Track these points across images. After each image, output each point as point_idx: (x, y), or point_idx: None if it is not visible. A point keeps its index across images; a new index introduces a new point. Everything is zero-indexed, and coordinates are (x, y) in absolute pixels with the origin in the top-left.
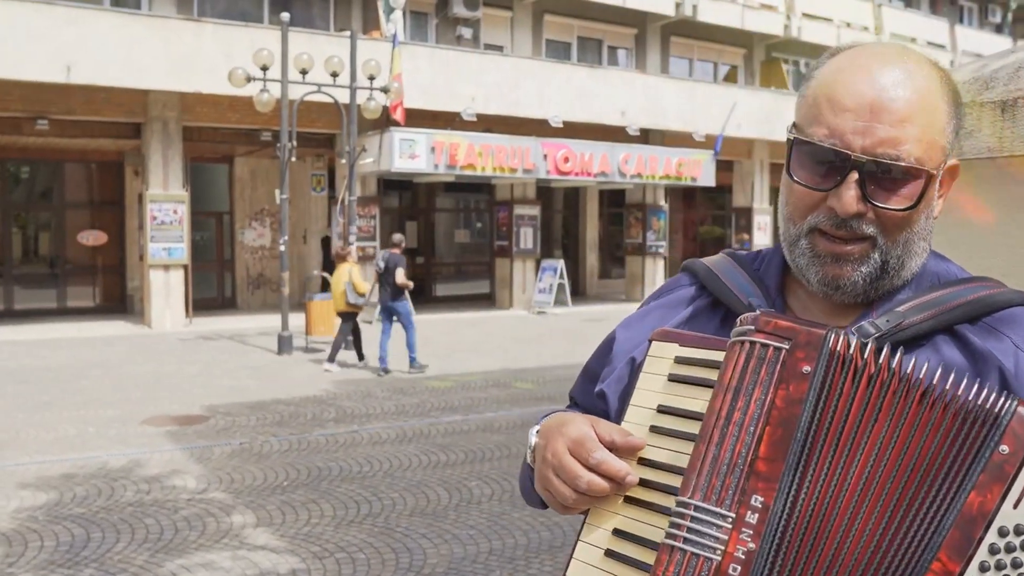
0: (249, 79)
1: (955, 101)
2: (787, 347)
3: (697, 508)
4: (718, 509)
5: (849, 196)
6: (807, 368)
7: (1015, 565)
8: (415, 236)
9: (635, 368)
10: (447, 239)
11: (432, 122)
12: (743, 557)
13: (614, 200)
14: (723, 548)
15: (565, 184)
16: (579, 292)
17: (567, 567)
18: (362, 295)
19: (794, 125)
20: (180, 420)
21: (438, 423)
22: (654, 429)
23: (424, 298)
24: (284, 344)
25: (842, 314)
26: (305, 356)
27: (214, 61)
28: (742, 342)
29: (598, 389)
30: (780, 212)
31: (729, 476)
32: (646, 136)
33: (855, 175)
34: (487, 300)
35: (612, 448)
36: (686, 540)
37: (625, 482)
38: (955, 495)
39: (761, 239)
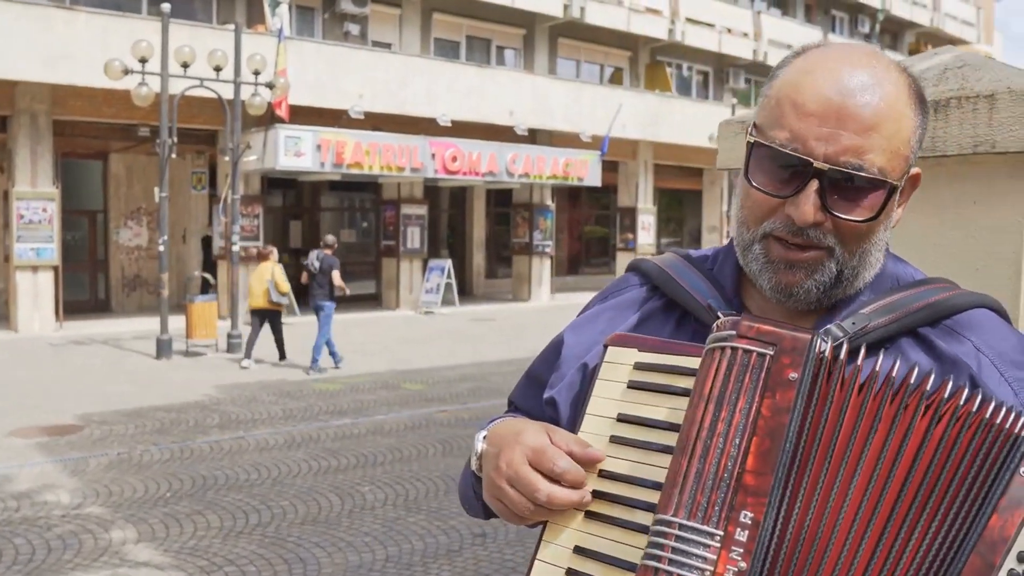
0: (127, 72)
1: (922, 108)
2: (772, 353)
3: (682, 527)
4: (705, 527)
5: (808, 205)
6: (793, 375)
7: None
8: (299, 236)
9: (588, 374)
10: None
11: (318, 119)
12: None
13: (501, 200)
14: (712, 569)
15: (453, 183)
16: (466, 292)
17: None
18: (284, 294)
19: (754, 126)
20: (51, 430)
21: (327, 427)
22: (615, 439)
23: (308, 299)
24: (163, 348)
25: (801, 317)
26: (186, 360)
27: (89, 52)
28: (722, 348)
29: (548, 396)
30: (733, 214)
31: (715, 491)
32: (534, 136)
33: (815, 183)
34: (373, 301)
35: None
36: (671, 561)
37: (583, 501)
38: (975, 518)
39: (645, 239)
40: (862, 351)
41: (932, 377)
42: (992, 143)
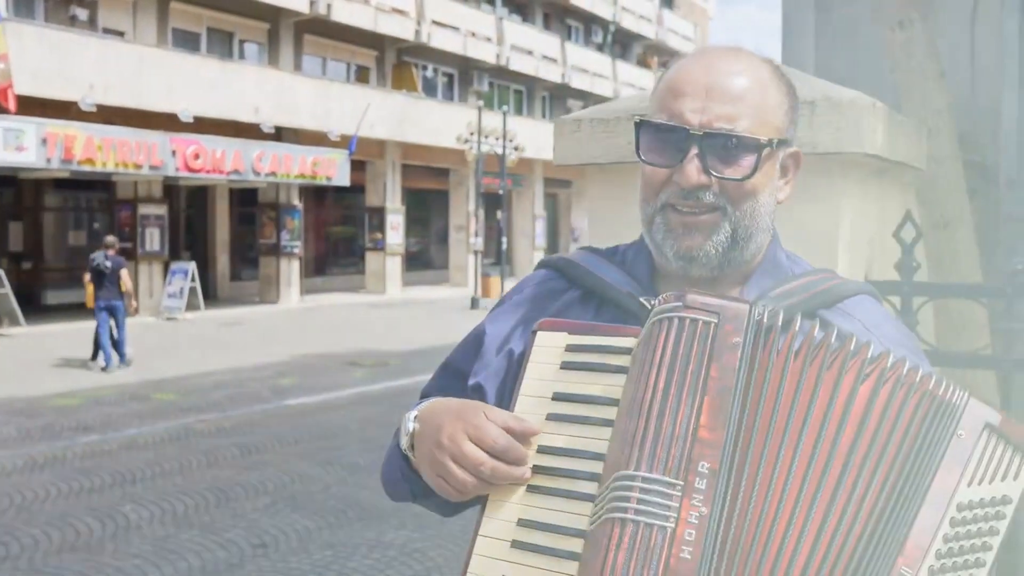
0: None
1: (790, 93)
2: (716, 321)
3: (645, 479)
4: (666, 478)
5: (691, 168)
6: (736, 339)
7: (969, 536)
8: (20, 239)
9: (514, 360)
10: (58, 241)
11: (43, 111)
12: (696, 522)
13: (245, 199)
14: (676, 516)
15: (195, 182)
16: (210, 295)
17: (467, 563)
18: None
19: (640, 120)
20: None
21: (73, 445)
22: (552, 416)
23: (33, 307)
24: None
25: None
26: None
27: None
28: (669, 319)
29: (473, 383)
30: (639, 201)
31: (674, 446)
32: (280, 134)
33: (695, 149)
34: None
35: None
36: (637, 511)
37: (525, 476)
38: (922, 474)
39: (394, 238)
40: (798, 318)
41: (871, 345)
42: (813, 144)
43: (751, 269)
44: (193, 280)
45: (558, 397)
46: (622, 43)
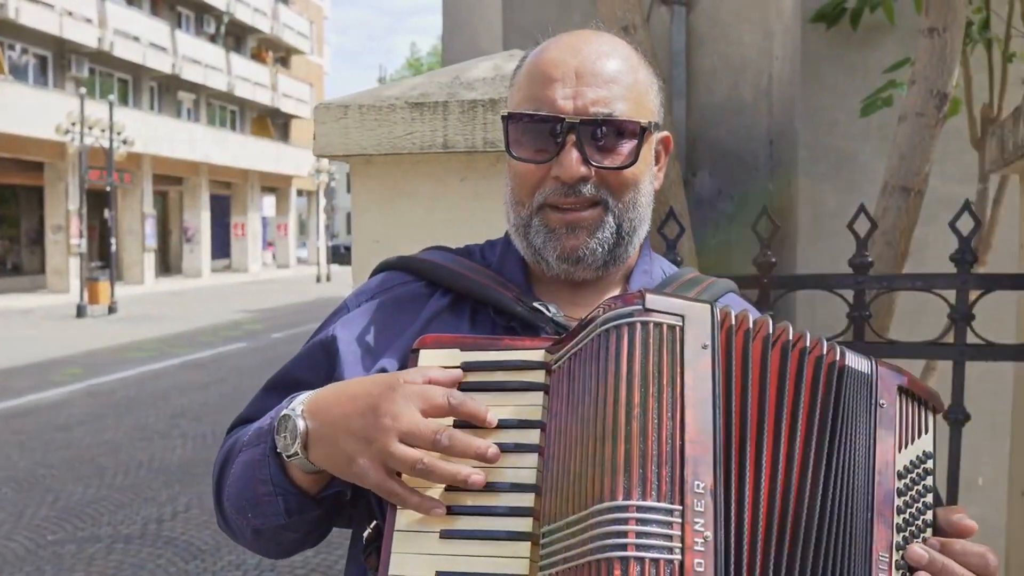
0: None
1: (654, 73)
2: (681, 324)
3: (640, 508)
4: (663, 504)
5: (571, 159)
6: (706, 343)
7: (914, 498)
8: None
9: None
10: None
11: None
12: (703, 548)
13: None
14: (680, 545)
15: None
16: None
17: None
18: None
19: (507, 113)
20: None
21: None
22: None
23: None
24: None
25: (588, 302)
26: None
27: None
28: (630, 324)
29: None
30: (506, 201)
31: (663, 467)
32: None
33: (572, 138)
34: None
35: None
36: (638, 547)
37: (490, 453)
38: (870, 449)
39: None
40: (766, 316)
41: (822, 338)
42: None
43: (631, 267)
44: None
45: (463, 425)
46: (236, 35)
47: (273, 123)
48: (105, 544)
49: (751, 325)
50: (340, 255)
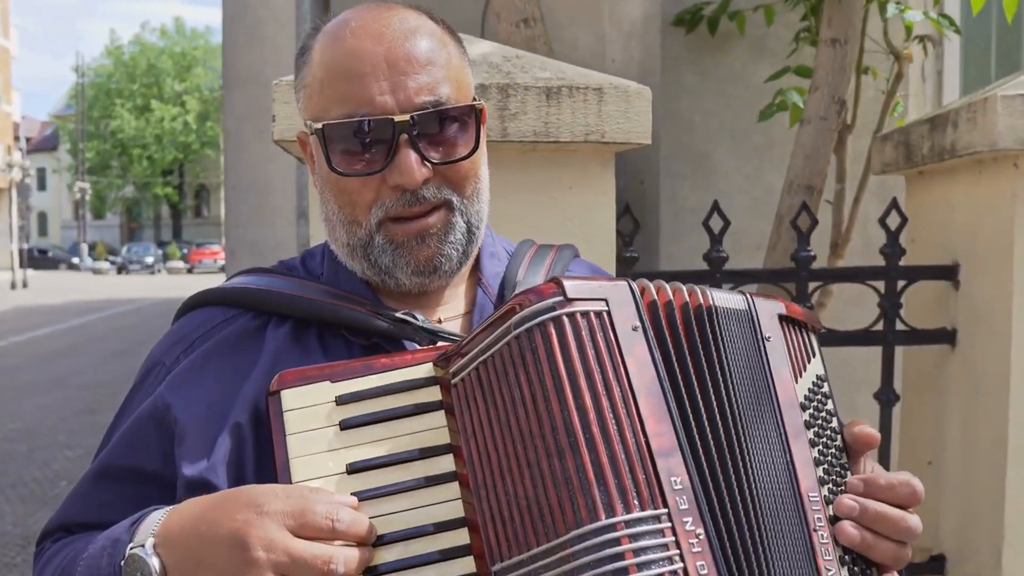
0: None
1: (457, 39)
2: (607, 308)
3: (628, 523)
4: (647, 512)
5: (410, 162)
6: (636, 323)
7: (821, 426)
8: None
9: (247, 437)
10: None
11: None
12: (700, 549)
13: None
14: (678, 551)
15: None
16: None
17: None
18: None
19: (308, 125)
20: None
21: None
22: (360, 497)
23: None
24: None
25: (442, 301)
26: None
27: None
28: (556, 319)
29: (196, 477)
30: (330, 223)
31: (637, 471)
32: None
33: (405, 138)
34: None
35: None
36: (639, 566)
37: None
38: (771, 387)
39: None
40: (679, 285)
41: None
42: (602, 133)
43: (478, 255)
44: None
45: (356, 468)
46: None
47: None
48: None
49: (670, 295)
50: (37, 259)
